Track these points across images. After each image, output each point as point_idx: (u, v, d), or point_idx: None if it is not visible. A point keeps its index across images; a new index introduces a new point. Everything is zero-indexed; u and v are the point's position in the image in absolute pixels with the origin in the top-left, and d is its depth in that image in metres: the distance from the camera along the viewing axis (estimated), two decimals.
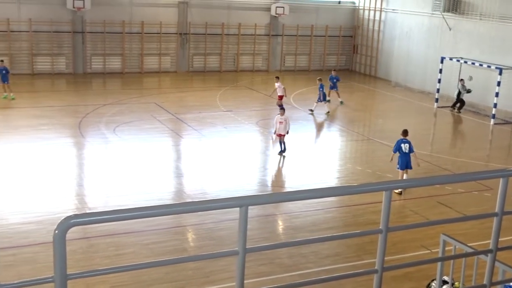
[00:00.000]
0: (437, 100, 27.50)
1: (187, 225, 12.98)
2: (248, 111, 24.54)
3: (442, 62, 27.42)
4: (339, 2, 36.65)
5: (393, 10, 33.75)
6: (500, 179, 4.03)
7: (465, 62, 26.92)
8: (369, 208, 14.17)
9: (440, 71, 27.46)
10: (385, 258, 3.87)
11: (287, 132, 18.44)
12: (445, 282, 7.31)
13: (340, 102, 26.63)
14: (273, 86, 25.52)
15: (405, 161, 15.39)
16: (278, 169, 17.88)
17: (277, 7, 34.07)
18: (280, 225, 13.70)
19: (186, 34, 32.97)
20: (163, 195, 14.63)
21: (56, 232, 2.80)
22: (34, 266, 10.58)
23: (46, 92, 26.85)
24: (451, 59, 27.37)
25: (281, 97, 23.30)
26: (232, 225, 12.64)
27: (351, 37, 37.00)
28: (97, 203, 13.93)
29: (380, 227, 3.77)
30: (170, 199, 14.56)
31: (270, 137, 20.13)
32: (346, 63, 37.44)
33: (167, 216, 11.45)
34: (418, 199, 15.21)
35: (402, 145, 15.37)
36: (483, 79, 26.80)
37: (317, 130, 23.64)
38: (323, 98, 24.64)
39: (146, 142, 19.31)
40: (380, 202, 3.74)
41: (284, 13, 34.22)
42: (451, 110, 26.75)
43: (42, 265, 10.48)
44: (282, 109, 19.29)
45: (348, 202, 14.64)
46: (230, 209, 3.43)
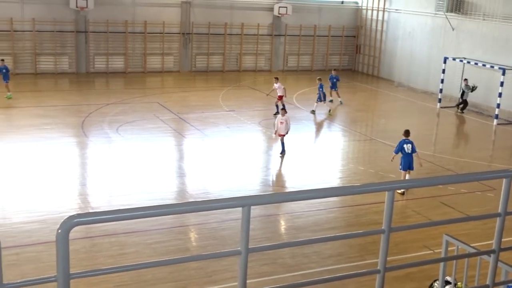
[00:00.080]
0: (440, 100, 27.45)
1: (190, 225, 12.99)
2: (251, 111, 24.54)
3: (445, 62, 27.37)
4: (342, 2, 36.62)
5: (396, 10, 33.72)
6: (503, 180, 4.03)
7: (468, 63, 26.87)
8: (372, 208, 14.16)
9: (443, 71, 27.42)
10: (388, 258, 3.87)
11: (287, 132, 18.45)
12: (448, 283, 7.29)
13: (340, 102, 26.62)
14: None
15: (408, 162, 15.34)
16: (281, 169, 17.88)
17: (280, 7, 34.07)
18: (283, 225, 13.70)
19: (189, 34, 32.99)
20: (166, 195, 14.65)
21: (59, 232, 2.81)
22: (37, 265, 10.61)
23: (49, 92, 26.88)
24: (454, 59, 27.31)
25: (281, 97, 23.29)
26: (235, 225, 12.66)
27: (354, 37, 36.97)
28: (100, 203, 13.95)
29: (383, 227, 3.77)
30: (173, 199, 14.57)
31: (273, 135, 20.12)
32: (349, 63, 37.42)
33: (170, 216, 11.45)
34: (421, 200, 15.19)
35: (405, 146, 15.32)
36: (486, 80, 26.75)
37: (320, 130, 23.64)
38: (323, 98, 24.63)
39: (149, 142, 19.34)
40: (383, 202, 3.73)
41: (287, 13, 34.21)
42: (456, 111, 26.69)
43: (45, 264, 10.50)
44: (283, 110, 19.26)
45: (351, 202, 14.63)
46: (233, 209, 3.44)
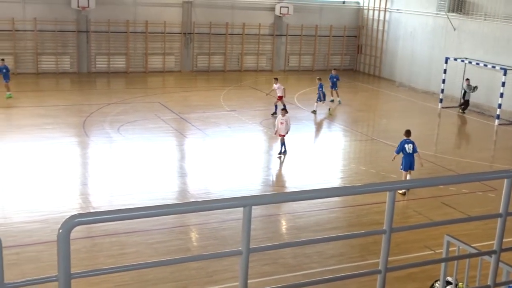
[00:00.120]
0: (441, 101, 27.44)
1: (191, 225, 12.99)
2: (252, 111, 24.54)
3: (447, 63, 27.35)
4: (344, 2, 36.61)
5: (398, 10, 33.70)
6: (505, 180, 4.03)
7: (470, 63, 26.85)
8: (373, 209, 14.15)
9: (445, 72, 27.40)
10: (389, 259, 3.86)
11: (287, 133, 18.44)
12: (449, 283, 7.28)
13: (338, 102, 26.61)
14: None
15: (409, 162, 15.32)
16: (282, 169, 17.88)
17: (281, 7, 34.06)
18: (284, 225, 13.69)
19: (190, 34, 33.00)
20: (167, 195, 14.65)
21: (60, 231, 2.81)
22: (38, 265, 10.61)
23: (51, 91, 26.90)
24: (456, 60, 27.29)
25: (281, 98, 23.29)
26: (236, 225, 12.65)
27: (355, 37, 36.95)
28: (101, 202, 13.96)
29: (384, 228, 3.76)
30: (174, 199, 14.58)
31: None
32: (350, 63, 37.41)
33: (171, 216, 11.44)
34: (422, 200, 15.18)
35: (406, 146, 15.30)
36: (488, 80, 26.72)
37: (321, 130, 23.63)
38: (323, 98, 24.62)
39: (150, 142, 19.34)
40: (384, 203, 3.73)
41: (288, 13, 34.21)
42: (458, 111, 26.66)
43: (46, 264, 10.49)
44: (284, 110, 19.26)
45: (352, 202, 14.62)
46: (234, 209, 3.43)
